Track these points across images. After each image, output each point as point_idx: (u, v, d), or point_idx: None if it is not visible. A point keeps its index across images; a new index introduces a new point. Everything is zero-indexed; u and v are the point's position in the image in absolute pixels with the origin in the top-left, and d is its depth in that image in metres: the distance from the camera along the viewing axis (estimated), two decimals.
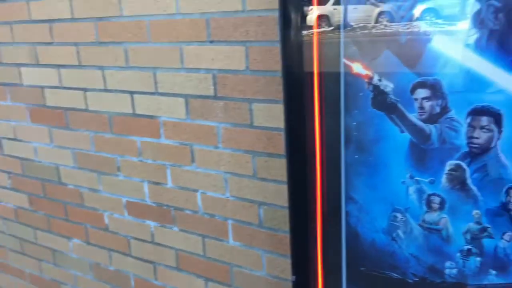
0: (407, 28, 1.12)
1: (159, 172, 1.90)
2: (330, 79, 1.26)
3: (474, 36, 1.05)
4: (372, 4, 1.21)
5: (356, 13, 1.21)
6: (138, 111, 1.87)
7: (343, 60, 1.23)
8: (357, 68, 1.22)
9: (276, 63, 1.49)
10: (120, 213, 2.10)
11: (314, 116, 1.31)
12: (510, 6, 0.99)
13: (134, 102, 1.86)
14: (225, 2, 1.54)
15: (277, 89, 1.52)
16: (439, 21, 1.07)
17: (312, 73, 1.27)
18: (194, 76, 1.68)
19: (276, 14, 1.43)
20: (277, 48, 1.48)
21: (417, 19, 1.10)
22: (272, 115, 1.56)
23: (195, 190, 1.83)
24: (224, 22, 1.56)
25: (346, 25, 1.22)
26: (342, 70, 1.24)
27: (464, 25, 1.05)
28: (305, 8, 1.24)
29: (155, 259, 2.05)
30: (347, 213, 1.36)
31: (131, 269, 2.15)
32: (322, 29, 1.24)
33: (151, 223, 2.01)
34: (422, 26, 1.10)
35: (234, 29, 1.54)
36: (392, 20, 1.14)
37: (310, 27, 1.25)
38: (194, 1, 1.59)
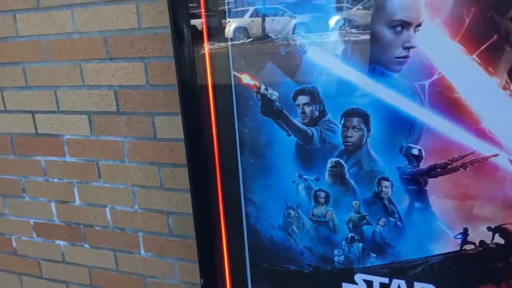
0: (286, 40, 1.25)
1: (66, 190, 1.89)
2: (223, 90, 1.36)
3: (341, 47, 1.19)
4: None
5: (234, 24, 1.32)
6: (40, 131, 1.85)
7: (233, 72, 1.33)
8: (246, 79, 1.33)
9: (174, 77, 1.56)
10: (28, 235, 2.05)
11: (211, 126, 1.40)
12: (369, 21, 1.14)
13: (36, 122, 1.85)
14: (121, 21, 1.59)
15: (177, 102, 1.58)
16: (311, 35, 1.21)
17: (206, 85, 1.37)
18: (96, 92, 1.71)
19: (169, 31, 1.51)
20: (173, 63, 1.55)
21: (292, 33, 1.22)
22: (174, 127, 1.63)
23: (104, 206, 1.84)
24: (122, 39, 1.61)
25: (232, 38, 1.33)
26: (232, 81, 1.34)
27: (332, 38, 1.19)
28: (223, 21, 1.32)
29: (67, 279, 2.03)
30: (247, 214, 1.45)
31: None
32: (213, 44, 1.34)
33: (61, 243, 1.98)
34: (298, 40, 1.22)
35: (131, 46, 1.60)
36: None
37: (202, 42, 1.34)
38: (90, 20, 1.63)
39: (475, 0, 1.03)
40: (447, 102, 1.11)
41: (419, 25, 1.09)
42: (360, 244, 1.31)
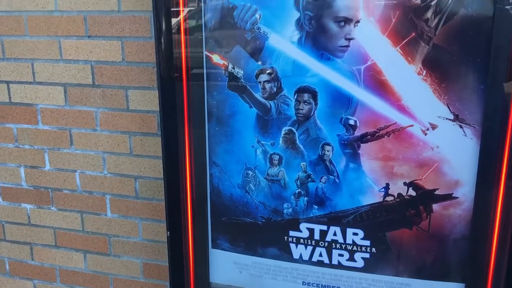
0: (252, 27, 1.52)
1: (36, 156, 2.04)
2: (195, 68, 1.61)
3: (296, 36, 1.48)
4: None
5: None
6: (14, 100, 1.99)
7: (205, 52, 1.58)
8: (216, 58, 1.58)
9: (148, 56, 1.79)
10: None
11: (183, 98, 1.64)
12: (319, 15, 1.44)
13: (10, 92, 1.98)
14: (101, 2, 1.78)
15: (150, 78, 1.81)
16: (272, 24, 1.49)
17: (181, 63, 1.60)
18: (73, 66, 1.88)
19: (148, 15, 1.74)
20: (149, 43, 1.77)
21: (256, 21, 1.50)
22: (146, 99, 1.84)
23: (74, 171, 2.01)
24: (101, 19, 1.80)
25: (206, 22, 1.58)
26: (204, 60, 1.59)
27: (290, 28, 1.48)
28: (175, 9, 1.55)
29: (31, 240, 2.17)
30: (211, 175, 1.71)
31: (6, 254, 2.22)
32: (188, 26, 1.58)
33: (28, 206, 2.12)
34: (262, 28, 1.50)
35: (110, 26, 1.80)
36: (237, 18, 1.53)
37: (179, 26, 1.58)
38: (72, 1, 1.81)
39: (399, 4, 1.36)
40: (377, 83, 1.43)
41: (358, 21, 1.40)
42: (305, 198, 1.61)
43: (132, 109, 1.87)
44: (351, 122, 1.49)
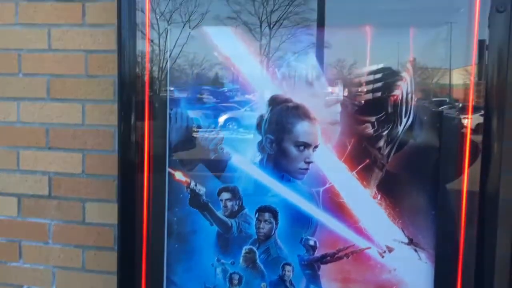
0: (215, 148, 1.57)
1: None
2: (158, 184, 1.61)
3: (258, 157, 1.54)
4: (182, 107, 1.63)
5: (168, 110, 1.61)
6: None
7: (168, 169, 1.61)
8: (179, 175, 1.61)
9: (110, 169, 1.79)
10: None
11: (143, 213, 1.62)
12: (280, 139, 1.51)
13: None
14: (65, 116, 1.81)
15: (110, 191, 1.80)
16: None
17: (142, 178, 1.61)
18: (30, 177, 1.85)
19: (112, 129, 1.77)
20: (111, 156, 1.78)
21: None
22: (104, 212, 1.81)
23: (19, 286, 1.89)
24: (64, 132, 1.81)
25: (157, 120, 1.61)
26: (167, 177, 1.61)
27: (252, 150, 1.54)
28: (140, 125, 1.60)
29: None
30: None
31: None
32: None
33: None
34: (225, 149, 1.55)
35: (73, 139, 1.81)
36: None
37: (143, 142, 1.61)
38: (35, 113, 1.82)
39: (354, 133, 1.46)
40: (335, 205, 1.49)
41: (316, 146, 1.49)
42: None
43: (88, 222, 1.83)
44: (311, 242, 1.52)
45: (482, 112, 1.35)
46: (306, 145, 1.49)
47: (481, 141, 1.36)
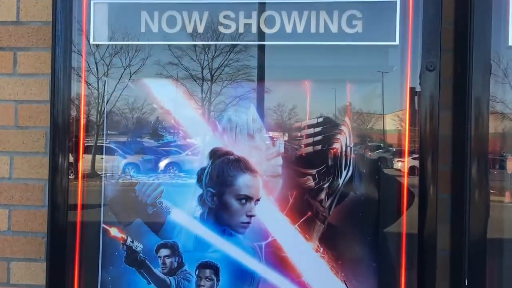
0: (154, 202, 1.51)
1: None
2: (91, 240, 1.52)
3: (199, 211, 1.49)
4: (120, 155, 1.57)
5: (104, 163, 1.54)
6: None
7: (102, 225, 1.52)
8: (114, 232, 1.52)
9: (39, 225, 1.67)
10: None
11: (74, 274, 1.51)
12: (221, 193, 1.48)
13: None
14: None
15: (38, 249, 1.67)
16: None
17: (74, 234, 1.51)
18: None
19: (42, 183, 1.66)
20: (40, 212, 1.67)
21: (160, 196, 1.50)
22: (31, 273, 1.67)
23: None
24: None
25: (92, 174, 1.54)
26: (101, 233, 1.52)
27: (192, 203, 1.49)
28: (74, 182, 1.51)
29: None
30: None
31: None
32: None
33: None
34: (164, 203, 1.50)
35: None
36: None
37: (76, 197, 1.52)
38: None
39: (295, 186, 1.46)
40: (278, 259, 1.46)
41: (258, 199, 1.47)
42: None
43: (13, 283, 1.68)
44: None
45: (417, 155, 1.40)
46: (248, 198, 1.47)
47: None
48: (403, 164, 1.43)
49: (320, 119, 1.46)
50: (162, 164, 1.54)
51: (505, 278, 1.45)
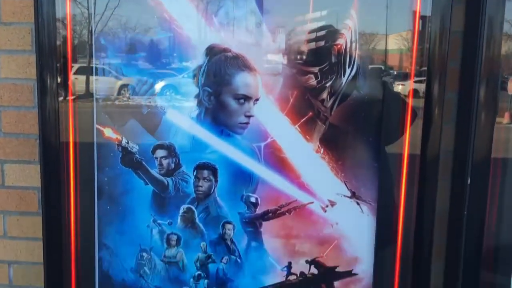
0: (148, 102, 1.45)
1: None
2: (85, 142, 1.48)
3: (195, 111, 1.44)
4: (115, 77, 1.50)
5: (98, 84, 1.47)
6: None
7: (96, 125, 1.47)
8: (108, 132, 1.47)
9: (30, 126, 1.61)
10: None
11: (70, 173, 1.49)
12: (219, 92, 1.41)
13: None
14: None
15: (31, 151, 1.63)
16: (177, 96, 1.44)
17: (68, 135, 1.47)
18: None
19: (30, 83, 1.59)
20: (31, 113, 1.61)
21: (157, 94, 1.43)
22: (25, 175, 1.65)
23: None
24: None
25: (87, 94, 1.48)
26: (95, 134, 1.47)
27: (189, 103, 1.43)
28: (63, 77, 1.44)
29: None
30: (100, 259, 1.54)
31: None
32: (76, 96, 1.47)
33: None
34: (159, 101, 1.44)
35: None
36: (134, 93, 1.46)
37: (67, 95, 1.46)
38: None
39: (296, 85, 1.39)
40: (277, 160, 1.43)
41: (257, 99, 1.40)
42: (206, 281, 1.51)
43: (8, 185, 1.66)
44: (252, 199, 1.46)
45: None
46: (247, 98, 1.40)
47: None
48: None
49: (324, 13, 1.36)
50: (158, 86, 1.45)
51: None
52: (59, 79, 1.44)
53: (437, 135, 1.34)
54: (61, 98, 1.45)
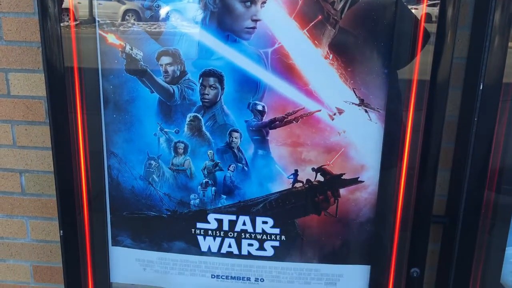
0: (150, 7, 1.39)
1: None
2: (88, 49, 1.44)
3: (200, 15, 1.38)
4: (118, 1, 1.44)
5: (102, 9, 1.41)
6: None
7: (99, 32, 1.43)
8: (111, 38, 1.43)
9: (32, 34, 1.58)
10: None
11: (75, 81, 1.47)
12: None
13: None
14: None
15: (35, 59, 1.60)
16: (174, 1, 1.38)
17: (70, 43, 1.43)
18: None
19: None
20: (32, 20, 1.56)
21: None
22: (31, 83, 1.63)
23: None
24: None
25: (92, 20, 1.42)
26: (98, 40, 1.43)
27: (193, 7, 1.37)
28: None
29: None
30: (109, 167, 1.56)
31: None
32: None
33: None
34: (163, 6, 1.38)
35: None
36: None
37: (68, 16, 1.41)
38: None
39: None
40: (284, 67, 1.39)
41: (264, 2, 1.34)
42: (213, 188, 1.53)
43: (14, 94, 1.65)
44: (259, 107, 1.44)
45: None
46: (253, 0, 1.34)
47: None
48: None
49: None
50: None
51: None
52: None
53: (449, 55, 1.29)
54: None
